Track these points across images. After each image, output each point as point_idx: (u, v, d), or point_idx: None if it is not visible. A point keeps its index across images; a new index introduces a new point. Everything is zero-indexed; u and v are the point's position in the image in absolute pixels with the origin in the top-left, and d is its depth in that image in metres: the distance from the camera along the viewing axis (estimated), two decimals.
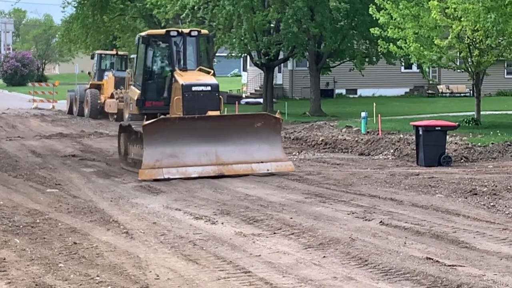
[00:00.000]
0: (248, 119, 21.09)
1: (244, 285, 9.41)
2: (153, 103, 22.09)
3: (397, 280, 9.57)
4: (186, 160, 19.41)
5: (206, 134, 19.63)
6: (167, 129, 19.48)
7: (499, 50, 32.28)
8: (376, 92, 61.13)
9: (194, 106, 20.67)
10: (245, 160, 19.81)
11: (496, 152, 23.82)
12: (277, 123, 20.52)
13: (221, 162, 19.63)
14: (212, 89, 21.05)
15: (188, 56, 22.10)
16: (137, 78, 23.04)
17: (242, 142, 19.95)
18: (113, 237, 12.40)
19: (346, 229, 12.78)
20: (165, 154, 19.25)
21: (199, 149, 19.54)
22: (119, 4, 56.72)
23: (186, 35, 22.00)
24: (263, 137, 20.11)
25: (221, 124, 20.23)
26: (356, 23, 41.88)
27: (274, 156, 20.08)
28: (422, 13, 31.51)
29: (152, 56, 22.67)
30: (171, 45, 22.02)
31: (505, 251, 11.07)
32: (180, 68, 21.63)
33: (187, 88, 20.85)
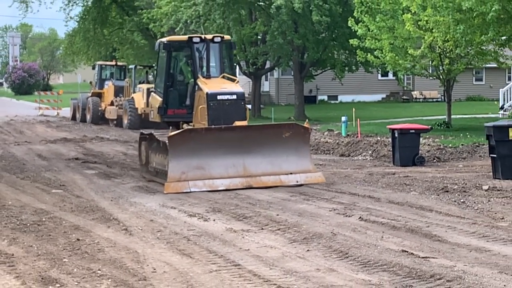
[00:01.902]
0: (276, 129, 18.76)
1: (234, 277, 9.40)
2: (176, 111, 20.10)
3: (375, 271, 9.56)
4: (213, 172, 17.48)
5: (233, 145, 17.71)
6: (193, 140, 17.55)
7: (468, 59, 32.35)
8: (355, 98, 61.18)
9: (220, 115, 18.60)
10: (274, 172, 17.80)
11: (466, 153, 23.85)
12: (306, 132, 18.46)
13: (249, 174, 17.63)
14: (238, 97, 18.92)
15: (211, 63, 20.01)
16: (158, 85, 20.99)
17: (270, 153, 17.96)
18: (113, 233, 12.36)
19: (328, 224, 12.77)
20: (191, 166, 17.36)
21: (226, 161, 17.63)
22: (118, 19, 56.72)
23: (209, 41, 19.88)
24: (291, 148, 18.08)
25: (249, 135, 18.15)
26: (337, 34, 41.94)
27: (303, 167, 18.07)
28: (397, 25, 31.61)
29: (174, 63, 20.59)
30: (193, 52, 19.78)
31: (474, 243, 11.08)
32: (203, 75, 19.46)
33: (212, 97, 18.72)
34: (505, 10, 26.62)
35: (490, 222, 12.90)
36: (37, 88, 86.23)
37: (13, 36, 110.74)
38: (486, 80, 63.54)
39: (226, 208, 14.68)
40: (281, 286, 8.86)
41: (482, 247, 10.82)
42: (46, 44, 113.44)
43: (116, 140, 31.70)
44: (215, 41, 19.94)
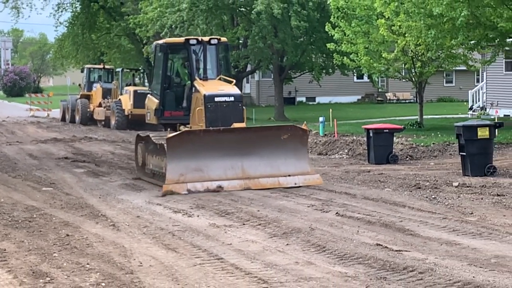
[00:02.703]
0: (274, 131, 17.94)
1: (217, 270, 9.39)
2: (172, 113, 19.42)
3: (351, 264, 9.58)
4: (211, 174, 16.72)
5: (231, 147, 16.92)
6: (191, 142, 16.80)
7: (439, 62, 32.48)
8: (332, 100, 61.25)
9: (217, 117, 17.92)
10: (272, 174, 17.05)
11: (437, 151, 23.93)
12: (304, 134, 17.70)
13: (247, 176, 16.88)
14: (235, 99, 18.24)
15: (208, 65, 19.21)
16: (154, 87, 20.15)
17: (268, 155, 17.17)
18: (102, 229, 12.33)
19: (306, 220, 12.78)
20: (189, 168, 16.61)
21: (224, 163, 16.87)
22: (105, 24, 56.55)
23: (205, 43, 19.13)
24: (289, 150, 17.33)
25: (247, 137, 17.35)
26: (314, 39, 41.97)
27: (301, 169, 17.33)
28: (371, 30, 31.71)
29: (171, 65, 19.83)
30: (190, 54, 19.12)
31: (445, 237, 11.12)
32: (200, 77, 18.80)
33: (210, 99, 18.01)
34: (474, 15, 26.74)
35: (460, 217, 12.96)
36: (28, 90, 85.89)
37: (5, 40, 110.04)
38: (456, 82, 63.78)
39: (209, 204, 14.67)
40: (262, 279, 8.87)
41: (452, 240, 10.86)
42: (37, 48, 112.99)
43: (104, 140, 31.59)
44: (211, 43, 19.32)
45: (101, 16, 56.79)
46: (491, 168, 18.48)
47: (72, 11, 57.08)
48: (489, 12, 26.75)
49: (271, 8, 37.80)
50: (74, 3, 56.58)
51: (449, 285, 8.33)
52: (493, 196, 15.15)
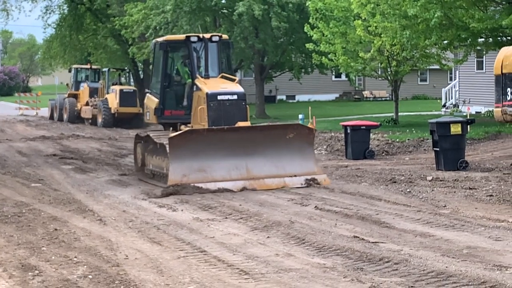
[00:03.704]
0: (280, 130, 16.82)
1: (200, 262, 9.38)
2: (173, 112, 18.32)
3: (329, 256, 9.59)
4: (215, 175, 15.72)
5: (236, 146, 15.94)
6: (194, 141, 15.81)
7: (413, 61, 32.57)
8: (311, 98, 61.33)
9: (220, 116, 16.85)
10: (278, 174, 16.03)
11: (412, 147, 24.01)
12: (310, 133, 16.68)
13: (252, 177, 15.85)
14: (239, 98, 17.15)
15: (209, 62, 18.03)
16: (153, 86, 19.04)
17: (273, 154, 16.17)
18: (89, 224, 12.29)
19: (286, 213, 12.79)
20: (192, 168, 15.66)
21: (228, 163, 15.86)
22: (92, 25, 56.34)
23: (207, 40, 18.04)
24: (295, 149, 16.30)
25: (252, 136, 16.31)
26: (294, 39, 42.00)
27: (308, 169, 16.28)
28: (348, 30, 31.76)
29: (171, 63, 18.72)
30: (191, 51, 18.03)
31: (419, 229, 11.15)
32: (202, 75, 17.74)
33: (213, 97, 16.97)
34: (447, 16, 26.82)
35: (434, 209, 13.00)
36: (17, 90, 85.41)
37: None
38: (430, 81, 64.01)
39: (193, 199, 14.64)
40: (244, 270, 8.86)
41: (426, 232, 10.89)
42: (26, 49, 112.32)
43: (91, 138, 31.47)
44: (213, 40, 18.22)
45: (88, 18, 56.57)
46: (463, 163, 18.56)
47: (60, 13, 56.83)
48: (462, 13, 26.84)
49: (252, 9, 37.79)
50: (62, 6, 56.33)
51: (423, 275, 8.36)
52: (465, 190, 15.21)
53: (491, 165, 19.07)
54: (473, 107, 36.39)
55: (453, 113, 37.29)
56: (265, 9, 38.21)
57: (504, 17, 25.73)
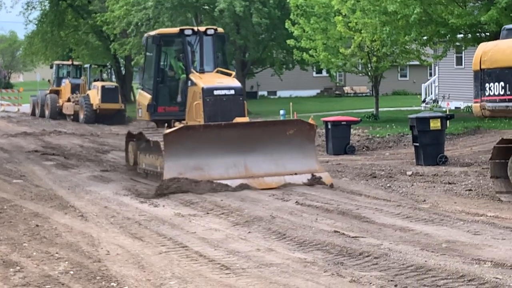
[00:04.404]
0: (279, 126, 16.17)
1: (182, 258, 9.36)
2: (167, 109, 17.62)
3: (310, 250, 9.60)
4: (212, 173, 14.94)
5: (234, 143, 15.20)
6: (190, 138, 15.04)
7: (393, 57, 32.69)
8: (292, 94, 61.38)
9: (217, 112, 16.17)
10: (277, 172, 15.26)
11: (392, 142, 24.09)
12: (311, 130, 15.88)
13: (251, 175, 15.11)
14: (236, 92, 16.45)
15: (204, 57, 17.25)
16: (146, 81, 18.33)
17: (273, 151, 15.43)
18: (70, 220, 12.23)
19: (267, 208, 12.78)
20: (188, 166, 14.90)
21: (226, 160, 15.12)
22: (74, 22, 56.23)
23: (202, 33, 17.27)
24: (295, 146, 15.55)
25: (250, 132, 15.54)
26: (275, 35, 41.99)
27: (309, 166, 15.46)
28: (329, 26, 31.83)
29: (164, 57, 18.01)
30: (185, 45, 17.26)
31: (399, 224, 11.19)
32: (196, 70, 17.02)
33: (209, 92, 16.24)
34: (426, 12, 26.92)
35: (413, 204, 13.05)
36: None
37: None
38: (410, 76, 64.23)
39: (174, 194, 14.59)
40: (225, 265, 8.86)
41: (406, 226, 10.93)
42: (7, 45, 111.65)
43: (73, 134, 31.34)
44: (208, 33, 17.43)
45: (69, 14, 56.43)
46: (442, 158, 18.64)
47: (41, 9, 56.66)
48: (441, 9, 26.96)
49: (233, 6, 37.75)
50: (43, 2, 56.21)
51: (403, 269, 8.38)
52: (444, 184, 15.28)
53: (470, 160, 19.18)
54: (453, 103, 36.54)
55: (432, 109, 37.44)
56: (246, 5, 38.17)
57: (482, 13, 25.86)
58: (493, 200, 13.30)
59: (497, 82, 13.19)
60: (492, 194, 13.74)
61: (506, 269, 8.22)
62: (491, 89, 13.33)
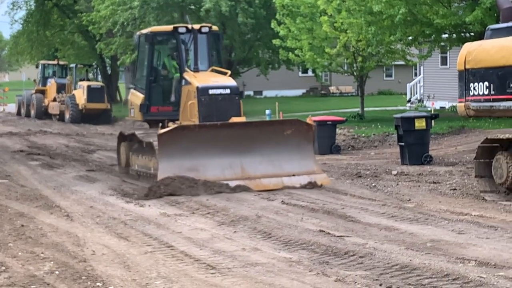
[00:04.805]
0: (276, 126, 15.71)
1: (168, 257, 9.35)
2: (160, 109, 17.16)
3: (295, 250, 9.60)
4: (207, 174, 14.56)
5: (230, 143, 14.82)
6: (185, 138, 14.63)
7: (379, 57, 32.75)
8: (278, 93, 61.38)
9: (212, 111, 15.75)
10: (275, 173, 14.90)
11: (377, 141, 24.14)
12: (309, 130, 15.60)
13: (248, 176, 14.73)
14: (232, 92, 16.01)
15: (199, 55, 16.80)
16: (138, 81, 17.91)
17: (270, 152, 15.04)
18: (56, 219, 12.19)
19: (253, 208, 12.78)
20: (183, 167, 14.50)
21: (222, 161, 14.73)
22: (59, 21, 56.09)
23: (196, 31, 16.83)
24: (293, 147, 15.19)
25: (247, 132, 15.16)
26: (261, 35, 41.99)
27: (307, 168, 15.13)
28: (315, 26, 31.86)
29: (157, 56, 17.53)
30: (179, 43, 16.80)
31: (384, 223, 11.21)
32: (191, 69, 16.60)
33: (204, 91, 15.82)
34: (411, 12, 27.01)
35: (398, 203, 13.08)
36: None
37: None
38: (395, 76, 64.37)
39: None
40: (210, 265, 8.85)
41: (391, 226, 10.95)
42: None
43: (58, 134, 31.25)
44: (202, 31, 16.99)
45: (55, 13, 56.28)
46: (427, 157, 18.70)
47: (27, 9, 56.48)
48: (426, 9, 27.05)
49: (219, 5, 37.72)
50: (29, 1, 56.07)
51: (388, 268, 8.40)
52: (429, 184, 15.33)
53: (454, 159, 19.24)
54: (438, 102, 36.65)
55: (417, 108, 37.54)
56: (232, 5, 38.16)
57: (467, 13, 25.97)
58: (477, 199, 13.35)
59: (482, 82, 13.25)
60: (476, 194, 13.79)
61: (490, 268, 8.25)
62: (475, 89, 13.38)
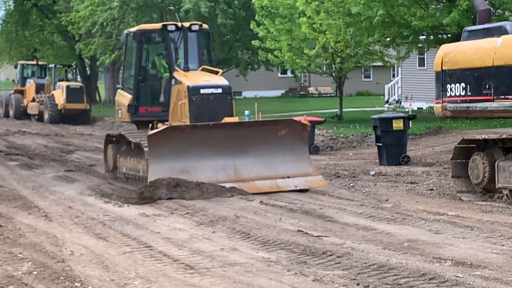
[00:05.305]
0: (271, 126, 15.16)
1: (146, 257, 9.32)
2: (148, 109, 16.55)
3: (273, 250, 9.60)
4: (200, 177, 14.09)
5: (222, 145, 14.37)
6: (177, 139, 14.18)
7: (357, 58, 32.83)
8: (257, 94, 61.38)
9: (204, 111, 15.26)
10: (269, 176, 14.45)
11: (355, 142, 24.21)
12: (304, 130, 15.03)
13: (241, 178, 14.30)
14: (224, 91, 15.53)
15: (189, 54, 16.19)
16: (126, 80, 17.32)
17: (264, 153, 14.61)
18: (34, 220, 12.13)
19: (232, 208, 12.77)
20: (174, 169, 14.05)
21: (214, 163, 14.27)
22: (38, 21, 55.84)
23: (186, 29, 16.23)
24: (288, 148, 14.74)
25: (240, 133, 14.68)
26: (240, 36, 41.98)
27: (302, 169, 14.68)
28: (294, 27, 31.89)
29: (146, 54, 16.95)
30: (168, 42, 16.27)
31: (362, 223, 11.24)
32: (181, 68, 16.06)
33: (195, 91, 15.31)
34: (389, 14, 27.10)
35: (376, 203, 13.13)
36: None
37: None
38: (373, 77, 64.57)
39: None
40: (189, 265, 8.83)
41: (369, 226, 10.98)
42: None
43: (37, 134, 31.10)
44: (192, 29, 16.39)
45: (34, 14, 56.00)
46: (405, 158, 18.78)
47: (6, 9, 56.15)
48: (404, 11, 27.16)
49: (198, 6, 37.69)
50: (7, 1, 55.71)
51: (365, 267, 8.42)
52: (407, 184, 15.40)
53: (432, 159, 19.33)
54: (415, 103, 36.80)
55: (395, 109, 37.67)
56: (211, 6, 38.13)
57: (444, 15, 26.10)
58: (454, 200, 13.43)
59: (458, 83, 13.33)
60: (453, 194, 13.87)
61: (466, 267, 8.29)
62: (452, 90, 13.46)
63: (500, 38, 12.73)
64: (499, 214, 11.88)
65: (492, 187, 13.01)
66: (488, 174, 12.95)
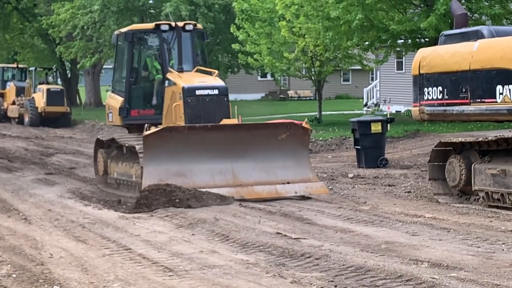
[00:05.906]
0: (271, 129, 14.61)
1: (126, 260, 9.29)
2: (141, 112, 15.92)
3: (252, 252, 9.60)
4: (196, 180, 13.52)
5: (220, 147, 13.82)
6: (173, 141, 13.58)
7: (336, 61, 32.96)
8: (237, 97, 61.34)
9: (199, 113, 14.66)
10: (268, 181, 13.88)
11: (334, 145, 24.25)
12: (305, 134, 14.40)
13: (240, 183, 13.74)
14: (220, 92, 14.90)
15: (183, 54, 15.52)
16: (116, 83, 16.60)
17: (263, 158, 14.03)
18: (14, 223, 12.06)
19: (211, 211, 12.74)
20: (170, 172, 13.45)
21: (212, 166, 13.69)
22: (19, 25, 55.49)
23: (179, 29, 15.51)
24: (288, 152, 14.14)
25: (239, 136, 14.09)
26: (220, 40, 41.98)
27: (302, 175, 14.08)
28: (273, 31, 31.97)
29: (138, 55, 16.25)
30: (161, 42, 15.67)
31: (340, 225, 11.26)
32: (174, 69, 15.45)
33: (190, 92, 14.65)
34: (368, 18, 27.21)
35: (354, 206, 13.15)
36: None
37: None
38: (352, 81, 64.76)
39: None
40: (168, 267, 8.81)
41: (347, 228, 11.00)
42: None
43: (18, 137, 30.91)
44: (186, 29, 15.70)
45: (15, 17, 55.68)
46: (383, 160, 18.84)
47: None
48: (382, 15, 27.29)
49: (179, 10, 37.67)
50: None
51: (343, 269, 8.44)
52: (384, 187, 15.44)
53: (409, 162, 19.41)
54: (393, 106, 36.95)
55: (374, 112, 37.79)
56: (192, 9, 38.12)
57: (422, 19, 26.24)
58: (431, 202, 13.49)
59: (435, 86, 13.39)
60: (430, 196, 13.93)
61: (443, 269, 8.33)
62: (429, 93, 13.52)
63: (476, 42, 12.81)
64: (475, 216, 11.95)
65: (469, 189, 13.08)
66: (464, 176, 13.02)
